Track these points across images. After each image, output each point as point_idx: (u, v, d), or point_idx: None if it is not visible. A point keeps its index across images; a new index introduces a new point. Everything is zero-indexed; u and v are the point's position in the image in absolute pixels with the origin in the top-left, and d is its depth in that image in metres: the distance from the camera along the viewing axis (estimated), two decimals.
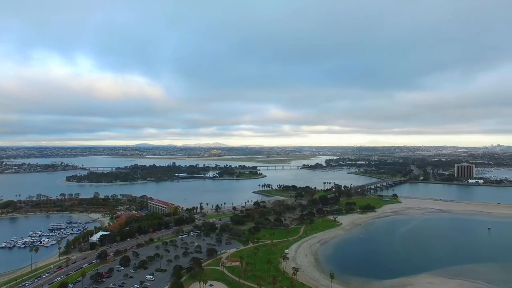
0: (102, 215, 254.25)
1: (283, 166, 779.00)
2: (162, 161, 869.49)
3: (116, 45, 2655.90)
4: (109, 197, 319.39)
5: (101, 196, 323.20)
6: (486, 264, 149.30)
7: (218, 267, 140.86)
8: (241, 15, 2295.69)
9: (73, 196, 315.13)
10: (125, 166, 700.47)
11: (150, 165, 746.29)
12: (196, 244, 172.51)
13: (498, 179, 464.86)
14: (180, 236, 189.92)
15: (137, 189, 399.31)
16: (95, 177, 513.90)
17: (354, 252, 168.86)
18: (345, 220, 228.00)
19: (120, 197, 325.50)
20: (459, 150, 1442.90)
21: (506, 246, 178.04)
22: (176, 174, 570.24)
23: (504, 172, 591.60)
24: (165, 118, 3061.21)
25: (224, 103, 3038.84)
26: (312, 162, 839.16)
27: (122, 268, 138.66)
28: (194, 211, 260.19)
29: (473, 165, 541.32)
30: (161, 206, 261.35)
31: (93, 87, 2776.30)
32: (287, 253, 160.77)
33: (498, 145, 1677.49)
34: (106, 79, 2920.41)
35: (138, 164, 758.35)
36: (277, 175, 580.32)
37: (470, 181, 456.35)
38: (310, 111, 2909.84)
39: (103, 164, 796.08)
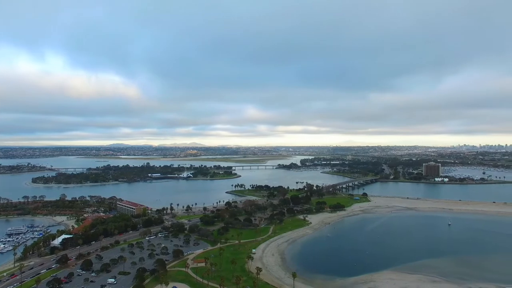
0: (67, 217, 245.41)
1: (258, 166, 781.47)
2: (137, 162, 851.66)
3: (89, 43, 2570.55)
4: (77, 199, 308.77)
5: (69, 198, 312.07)
6: (443, 258, 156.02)
7: (183, 268, 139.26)
8: (215, 15, 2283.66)
9: (37, 199, 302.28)
10: (97, 167, 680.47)
11: (123, 165, 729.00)
12: (163, 245, 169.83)
13: (461, 177, 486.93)
14: (148, 238, 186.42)
15: (108, 190, 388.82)
16: (63, 178, 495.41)
17: (321, 251, 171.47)
18: (314, 219, 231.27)
19: (88, 198, 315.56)
20: (429, 150, 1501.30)
21: (462, 241, 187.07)
22: (149, 175, 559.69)
23: (467, 171, 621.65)
24: (140, 117, 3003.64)
25: (200, 103, 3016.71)
26: (287, 162, 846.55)
27: (84, 272, 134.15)
28: (164, 212, 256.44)
29: (440, 164, 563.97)
30: (130, 208, 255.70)
31: (65, 85, 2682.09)
32: (254, 253, 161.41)
33: (464, 145, 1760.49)
34: (78, 77, 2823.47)
35: (111, 165, 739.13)
36: (252, 175, 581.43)
37: (436, 179, 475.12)
38: (285, 111, 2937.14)
39: (74, 164, 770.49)
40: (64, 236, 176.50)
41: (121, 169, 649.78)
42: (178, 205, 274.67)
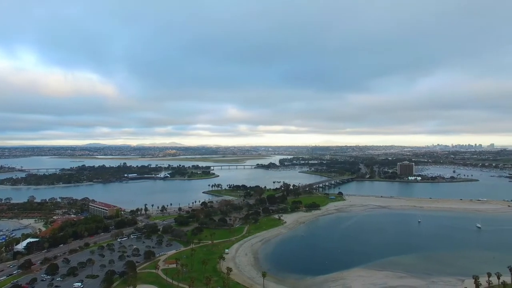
0: (35, 220, 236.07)
1: (237, 166, 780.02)
2: (113, 162, 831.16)
3: (64, 40, 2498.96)
4: (47, 200, 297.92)
5: (38, 200, 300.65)
6: (411, 255, 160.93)
7: (154, 270, 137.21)
8: (195, 14, 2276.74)
9: (2, 201, 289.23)
10: (71, 167, 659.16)
11: (99, 165, 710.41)
12: (135, 247, 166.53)
13: (433, 176, 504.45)
14: (119, 239, 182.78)
15: (81, 192, 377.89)
16: (34, 179, 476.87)
17: (294, 250, 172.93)
18: (289, 218, 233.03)
19: (59, 200, 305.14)
20: (405, 150, 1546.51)
21: (430, 237, 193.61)
22: (125, 175, 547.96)
23: (439, 169, 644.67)
24: (118, 116, 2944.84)
25: (180, 102, 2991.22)
26: (266, 161, 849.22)
27: (48, 277, 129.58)
28: (138, 213, 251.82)
29: (413, 164, 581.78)
30: (103, 209, 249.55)
31: (38, 83, 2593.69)
32: (227, 253, 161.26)
33: (438, 145, 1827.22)
34: (53, 75, 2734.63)
35: (86, 165, 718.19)
36: (230, 175, 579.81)
37: (410, 178, 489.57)
38: (266, 111, 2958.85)
39: (46, 165, 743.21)
40: (29, 240, 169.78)
41: (96, 170, 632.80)
42: (152, 205, 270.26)
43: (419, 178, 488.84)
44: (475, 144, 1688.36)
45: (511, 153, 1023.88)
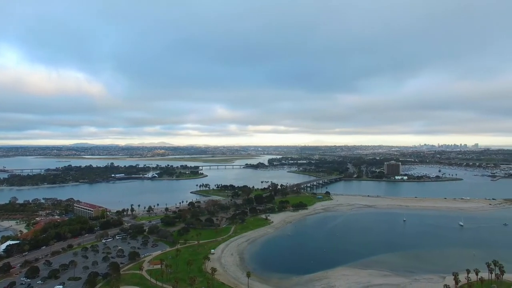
0: (17, 222, 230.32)
1: (226, 165, 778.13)
2: (101, 162, 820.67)
3: (48, 38, 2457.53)
4: (30, 201, 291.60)
5: (21, 201, 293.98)
6: (395, 253, 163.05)
7: (138, 271, 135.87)
8: (182, 13, 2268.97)
9: None
10: (57, 168, 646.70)
11: (85, 166, 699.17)
12: (119, 248, 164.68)
13: (419, 175, 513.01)
14: (104, 241, 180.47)
15: (67, 192, 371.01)
16: (17, 180, 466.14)
17: (280, 250, 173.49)
18: (276, 218, 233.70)
19: (43, 201, 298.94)
20: (393, 149, 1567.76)
21: (415, 235, 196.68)
22: (112, 175, 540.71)
23: (425, 169, 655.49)
24: (106, 116, 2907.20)
25: (168, 102, 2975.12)
26: (256, 161, 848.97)
27: (28, 280, 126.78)
28: (124, 213, 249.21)
29: (400, 163, 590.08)
30: (88, 210, 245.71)
31: (22, 81, 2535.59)
32: (213, 253, 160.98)
33: (425, 145, 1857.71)
34: (37, 73, 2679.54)
35: (73, 165, 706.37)
36: (219, 175, 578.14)
37: (396, 177, 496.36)
38: (255, 111, 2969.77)
39: (31, 165, 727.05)
40: (9, 242, 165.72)
41: (83, 170, 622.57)
42: (139, 206, 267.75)
43: (405, 177, 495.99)
44: (461, 144, 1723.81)
45: (494, 152, 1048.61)
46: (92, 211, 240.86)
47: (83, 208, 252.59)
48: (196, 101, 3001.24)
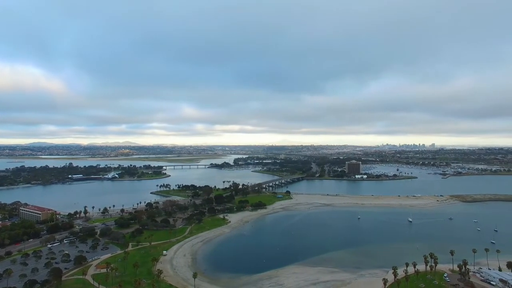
0: None
1: (190, 165, 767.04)
2: (59, 162, 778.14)
3: (1, 30, 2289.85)
4: None
5: None
6: (345, 250, 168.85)
7: (85, 276, 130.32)
8: (147, 10, 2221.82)
9: None
10: (7, 169, 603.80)
11: (41, 166, 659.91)
12: (65, 252, 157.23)
13: (378, 174, 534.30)
14: (50, 245, 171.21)
15: (15, 195, 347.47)
16: None
17: (234, 249, 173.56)
18: (234, 218, 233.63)
19: None
20: (357, 149, 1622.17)
21: (367, 232, 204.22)
22: (69, 176, 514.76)
23: (385, 168, 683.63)
24: (67, 114, 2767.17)
25: (133, 101, 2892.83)
26: (221, 161, 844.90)
27: None
28: (77, 216, 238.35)
29: (360, 163, 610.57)
30: (36, 213, 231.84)
31: None
32: (166, 255, 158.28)
33: (387, 144, 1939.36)
34: None
35: (26, 166, 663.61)
36: (183, 175, 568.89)
37: (357, 176, 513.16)
38: (222, 110, 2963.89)
39: None
40: None
41: (37, 171, 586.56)
42: (93, 207, 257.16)
43: (365, 176, 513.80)
44: (419, 144, 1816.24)
45: (447, 152, 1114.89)
46: (40, 214, 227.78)
47: (30, 212, 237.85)
48: (162, 100, 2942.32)
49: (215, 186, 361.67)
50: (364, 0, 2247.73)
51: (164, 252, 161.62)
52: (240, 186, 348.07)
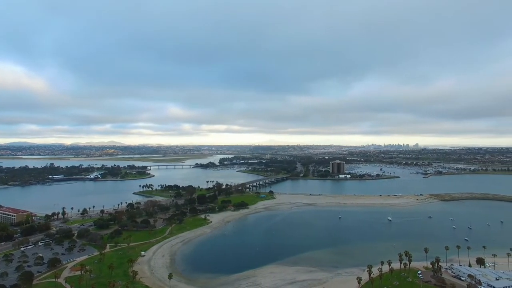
0: None
1: (175, 165, 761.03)
2: (40, 162, 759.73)
3: None
4: None
5: None
6: (325, 249, 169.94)
7: (58, 279, 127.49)
8: (132, 9, 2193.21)
9: None
10: None
11: (20, 166, 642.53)
12: (39, 255, 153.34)
13: (361, 174, 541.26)
14: (23, 248, 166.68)
15: None
16: None
17: (214, 250, 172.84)
18: (216, 218, 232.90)
19: None
20: (343, 149, 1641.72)
21: (347, 231, 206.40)
22: (50, 177, 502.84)
23: (369, 168, 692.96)
24: (50, 113, 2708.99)
25: (119, 100, 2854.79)
26: (207, 161, 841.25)
27: None
28: (55, 217, 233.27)
29: (344, 162, 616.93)
30: (10, 215, 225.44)
31: None
32: (144, 255, 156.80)
33: (372, 144, 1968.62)
34: None
35: (4, 166, 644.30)
36: (167, 175, 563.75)
37: (340, 176, 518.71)
38: (209, 110, 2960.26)
39: None
40: None
41: (15, 171, 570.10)
42: (72, 209, 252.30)
43: (348, 176, 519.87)
44: (403, 144, 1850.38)
45: (430, 152, 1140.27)
46: (14, 216, 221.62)
47: (4, 214, 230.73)
48: (148, 100, 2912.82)
49: (198, 186, 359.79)
50: (348, 2, 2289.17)
51: (143, 253, 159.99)
52: (224, 186, 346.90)
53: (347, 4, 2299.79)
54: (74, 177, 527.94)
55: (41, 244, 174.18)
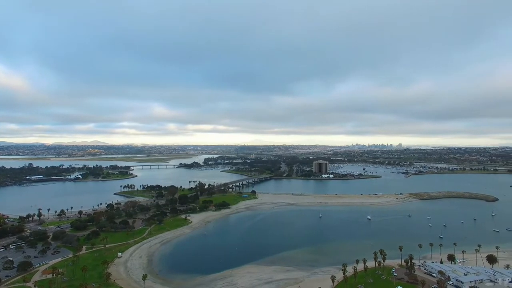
0: None
1: (159, 165, 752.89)
2: (18, 162, 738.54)
3: None
4: None
5: None
6: (303, 249, 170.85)
7: (28, 283, 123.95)
8: (115, 7, 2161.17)
9: None
10: None
11: None
12: (9, 259, 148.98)
13: (344, 174, 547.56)
14: None
15: None
16: None
17: (192, 250, 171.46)
18: (197, 218, 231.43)
19: None
20: (328, 149, 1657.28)
21: (326, 230, 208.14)
22: (27, 177, 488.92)
23: (352, 167, 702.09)
24: (30, 112, 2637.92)
25: (102, 99, 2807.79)
26: (191, 161, 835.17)
27: None
28: (30, 219, 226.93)
29: (327, 162, 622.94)
30: None
31: None
32: (121, 257, 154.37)
33: (357, 144, 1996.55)
34: None
35: None
36: (150, 175, 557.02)
37: (323, 175, 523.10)
38: (193, 110, 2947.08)
39: None
40: None
41: None
42: (49, 210, 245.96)
43: (331, 175, 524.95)
44: (387, 144, 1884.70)
45: (412, 152, 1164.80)
46: None
47: None
48: (132, 99, 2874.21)
49: (181, 186, 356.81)
50: (330, 6, 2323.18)
51: (119, 254, 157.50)
52: (206, 186, 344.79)
53: (329, 7, 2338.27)
54: (53, 177, 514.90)
55: (12, 247, 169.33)
